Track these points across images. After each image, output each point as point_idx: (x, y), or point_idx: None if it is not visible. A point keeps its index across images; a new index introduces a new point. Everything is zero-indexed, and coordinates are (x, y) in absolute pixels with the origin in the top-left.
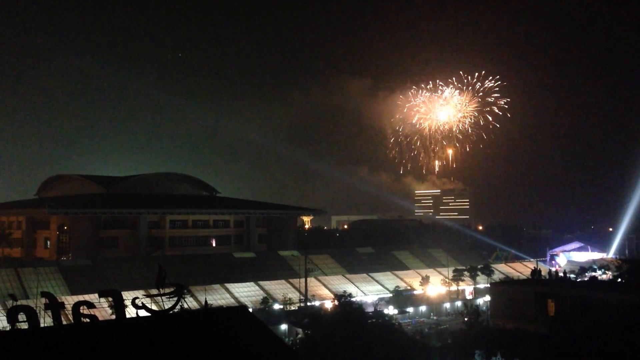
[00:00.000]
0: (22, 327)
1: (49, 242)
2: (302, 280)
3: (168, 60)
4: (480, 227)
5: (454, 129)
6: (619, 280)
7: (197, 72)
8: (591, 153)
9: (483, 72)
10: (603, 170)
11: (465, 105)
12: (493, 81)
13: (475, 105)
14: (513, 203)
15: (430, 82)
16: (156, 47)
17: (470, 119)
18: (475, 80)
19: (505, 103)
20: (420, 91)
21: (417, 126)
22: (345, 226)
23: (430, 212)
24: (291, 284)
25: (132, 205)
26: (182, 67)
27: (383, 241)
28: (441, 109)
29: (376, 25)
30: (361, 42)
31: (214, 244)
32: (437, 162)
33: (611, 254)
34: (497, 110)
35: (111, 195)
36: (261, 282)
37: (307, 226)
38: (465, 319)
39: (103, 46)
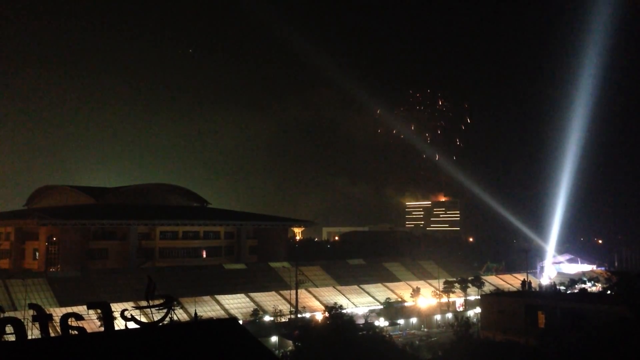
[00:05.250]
0: (9, 340)
1: (37, 253)
2: (293, 291)
3: (158, 69)
4: (471, 239)
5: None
6: (609, 292)
7: (183, 83)
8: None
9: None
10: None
11: (436, 116)
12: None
13: (445, 116)
14: (504, 215)
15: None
16: (144, 59)
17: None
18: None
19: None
20: (395, 104)
21: (393, 138)
22: (336, 238)
23: (421, 223)
24: (282, 295)
25: (122, 216)
26: (169, 79)
27: (374, 253)
28: (415, 121)
29: (353, 38)
30: (335, 55)
31: (204, 255)
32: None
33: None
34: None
35: (101, 206)
36: (252, 294)
37: (297, 237)
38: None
39: (91, 57)
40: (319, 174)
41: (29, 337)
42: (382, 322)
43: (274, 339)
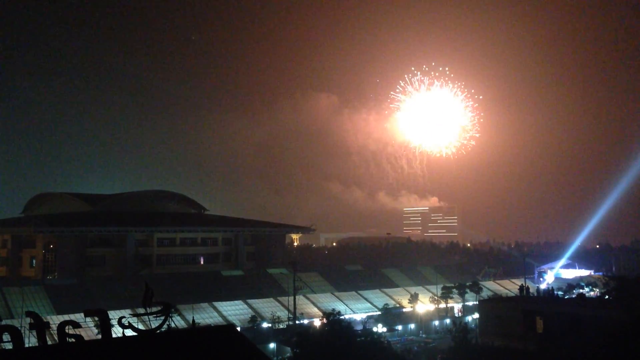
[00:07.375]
0: (6, 348)
1: (34, 261)
2: (291, 298)
3: (155, 75)
4: (469, 245)
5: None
6: (607, 297)
7: (178, 90)
8: (578, 168)
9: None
10: (590, 185)
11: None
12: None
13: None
14: (501, 221)
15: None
16: (141, 64)
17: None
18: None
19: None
20: (384, 108)
21: (383, 143)
22: (334, 244)
23: (419, 229)
24: (280, 302)
25: (119, 223)
26: (165, 86)
27: (372, 259)
28: (405, 125)
29: (340, 43)
30: (325, 60)
31: (202, 262)
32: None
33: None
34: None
35: (98, 213)
36: (250, 301)
37: (295, 244)
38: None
39: (89, 63)
40: (312, 180)
41: (26, 345)
42: (380, 328)
43: (272, 345)
